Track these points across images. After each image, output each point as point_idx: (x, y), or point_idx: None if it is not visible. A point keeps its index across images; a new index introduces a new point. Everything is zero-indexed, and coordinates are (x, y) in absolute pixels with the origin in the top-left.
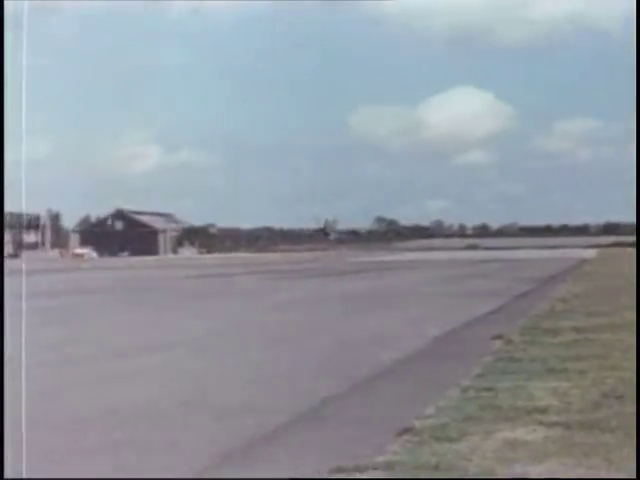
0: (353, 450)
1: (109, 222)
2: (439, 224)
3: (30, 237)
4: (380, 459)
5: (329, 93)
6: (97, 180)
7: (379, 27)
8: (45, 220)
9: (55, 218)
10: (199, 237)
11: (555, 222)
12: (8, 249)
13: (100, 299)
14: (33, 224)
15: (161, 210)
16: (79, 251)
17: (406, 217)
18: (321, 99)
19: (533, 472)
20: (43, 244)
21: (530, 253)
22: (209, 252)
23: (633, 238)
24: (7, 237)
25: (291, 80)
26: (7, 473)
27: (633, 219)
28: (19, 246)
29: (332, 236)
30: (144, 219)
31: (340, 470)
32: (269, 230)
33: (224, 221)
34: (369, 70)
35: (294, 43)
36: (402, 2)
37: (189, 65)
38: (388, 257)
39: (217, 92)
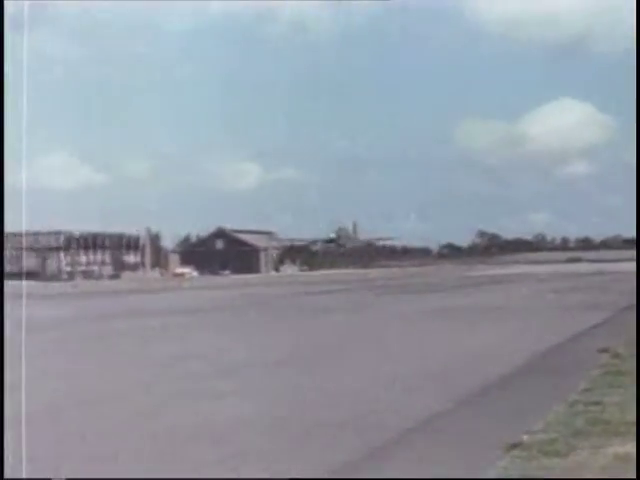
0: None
1: (210, 241)
2: (542, 237)
3: (130, 258)
4: (491, 473)
5: (432, 107)
6: (197, 199)
7: (479, 38)
8: (145, 240)
9: (155, 238)
10: (300, 254)
11: None
12: (108, 270)
13: (212, 316)
14: (133, 245)
15: (262, 228)
16: (180, 270)
17: (509, 230)
18: (423, 113)
19: None
20: (143, 264)
21: (634, 266)
22: (310, 269)
23: None
24: (107, 258)
25: (392, 94)
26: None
27: None
28: (120, 267)
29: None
30: (245, 237)
31: None
32: (370, 245)
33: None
34: (472, 83)
35: (394, 57)
36: (500, 14)
37: (287, 80)
38: (490, 271)
39: (316, 106)
